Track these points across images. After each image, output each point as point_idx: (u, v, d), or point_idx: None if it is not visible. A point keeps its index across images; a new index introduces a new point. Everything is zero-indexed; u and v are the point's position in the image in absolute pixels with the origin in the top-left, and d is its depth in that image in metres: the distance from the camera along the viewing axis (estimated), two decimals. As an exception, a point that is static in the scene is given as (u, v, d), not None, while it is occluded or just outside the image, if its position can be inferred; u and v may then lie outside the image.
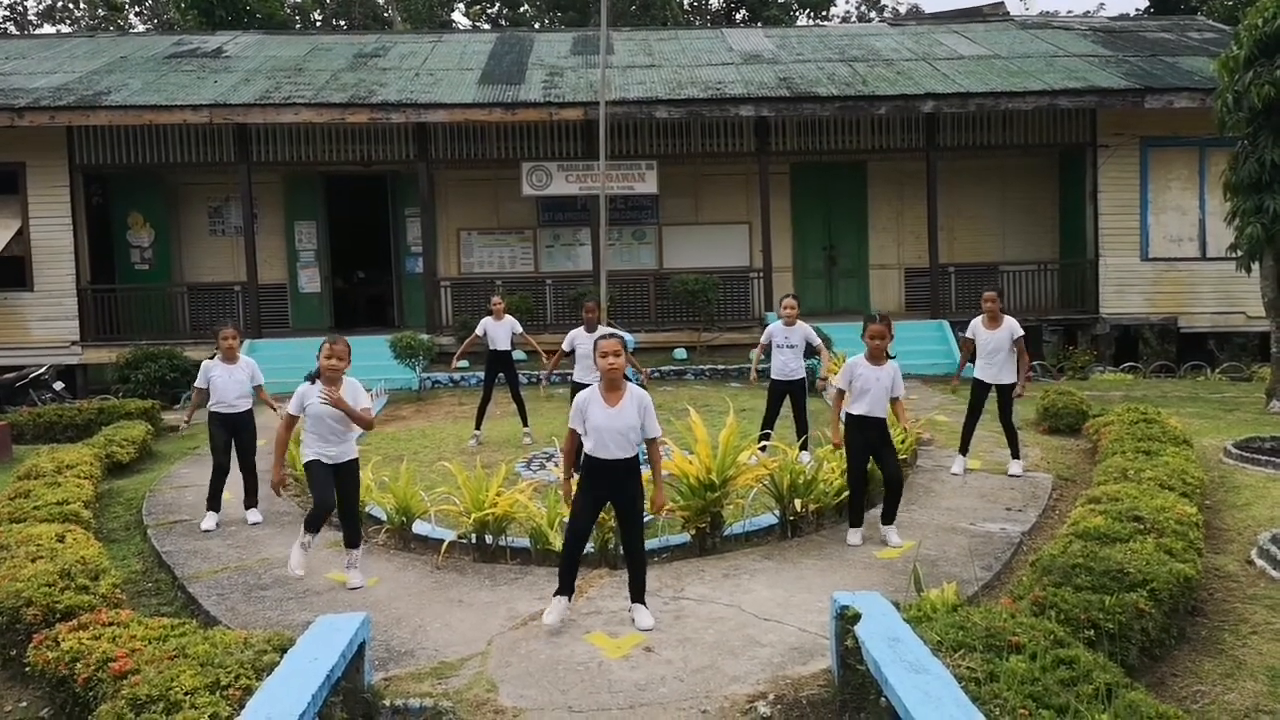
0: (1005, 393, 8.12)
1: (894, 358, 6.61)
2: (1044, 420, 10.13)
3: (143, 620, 4.93)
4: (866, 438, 6.55)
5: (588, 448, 5.22)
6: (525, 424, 10.46)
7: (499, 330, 10.41)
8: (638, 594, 5.35)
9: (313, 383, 5.91)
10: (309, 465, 6.03)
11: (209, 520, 7.41)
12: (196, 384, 7.70)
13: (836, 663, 4.44)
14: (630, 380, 5.30)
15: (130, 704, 3.81)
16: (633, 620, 5.28)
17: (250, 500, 7.66)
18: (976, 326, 8.16)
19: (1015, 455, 8.29)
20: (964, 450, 8.41)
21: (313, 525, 5.95)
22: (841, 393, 6.62)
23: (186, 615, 5.65)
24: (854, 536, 6.62)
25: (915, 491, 7.84)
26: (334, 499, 6.01)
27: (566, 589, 5.35)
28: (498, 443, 10.17)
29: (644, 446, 5.25)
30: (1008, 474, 8.13)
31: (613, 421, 5.10)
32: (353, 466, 6.09)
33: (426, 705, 4.37)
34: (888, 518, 6.67)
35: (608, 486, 5.22)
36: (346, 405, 5.83)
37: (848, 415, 6.62)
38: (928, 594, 4.89)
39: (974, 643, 4.08)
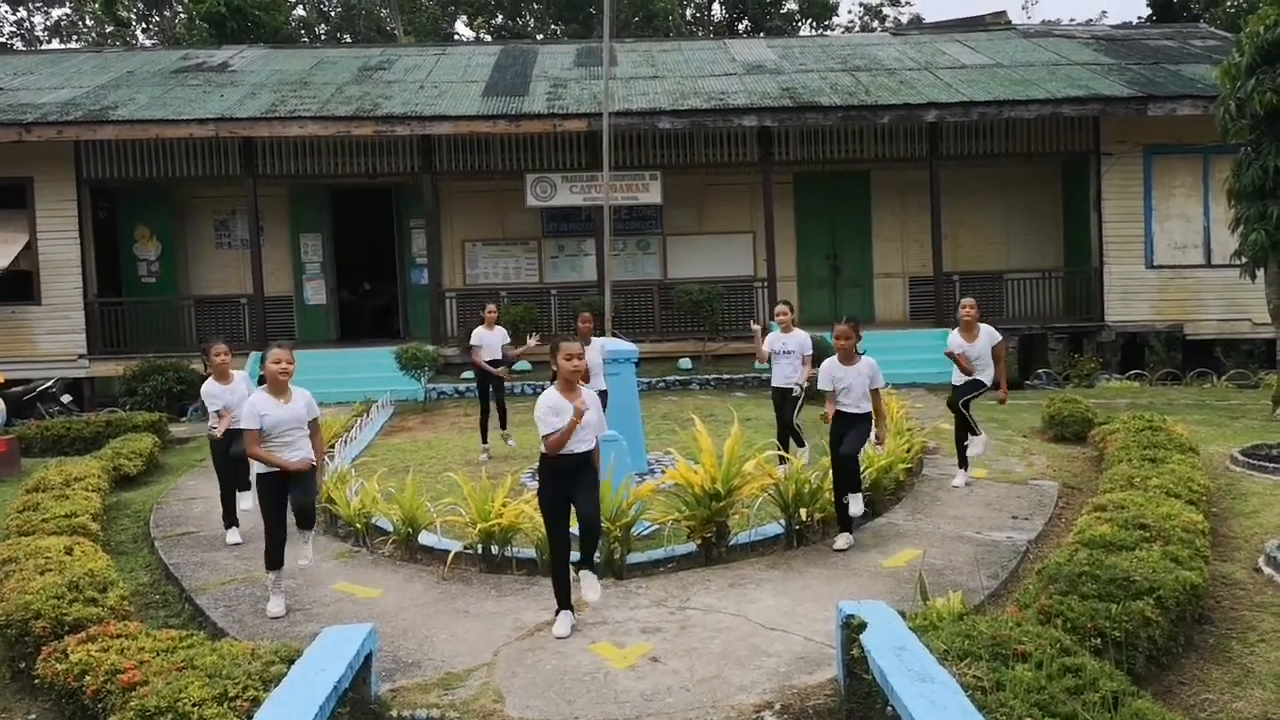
0: (975, 386, 7.85)
1: (864, 354, 6.77)
2: (1050, 428, 10.12)
3: (151, 632, 4.96)
4: (840, 431, 6.73)
5: (551, 449, 5.27)
6: (485, 439, 10.31)
7: (491, 339, 10.42)
8: (588, 558, 5.40)
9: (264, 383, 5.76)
10: (260, 480, 5.74)
11: (234, 535, 7.37)
12: (211, 408, 7.25)
13: (843, 672, 4.45)
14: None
15: (139, 715, 3.84)
16: (578, 583, 5.33)
17: (242, 483, 7.40)
18: (955, 340, 7.90)
19: (962, 465, 8.16)
20: (963, 464, 8.25)
21: (275, 561, 5.78)
22: (831, 393, 6.78)
23: (194, 627, 5.67)
24: (840, 541, 6.66)
25: (921, 500, 7.83)
26: (285, 528, 5.75)
27: (568, 604, 5.41)
28: (503, 454, 10.19)
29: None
30: (952, 484, 8.09)
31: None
32: (307, 470, 5.76)
33: (433, 716, 4.39)
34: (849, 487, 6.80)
35: (569, 478, 5.30)
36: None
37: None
38: (934, 603, 4.90)
39: (980, 651, 4.08)
